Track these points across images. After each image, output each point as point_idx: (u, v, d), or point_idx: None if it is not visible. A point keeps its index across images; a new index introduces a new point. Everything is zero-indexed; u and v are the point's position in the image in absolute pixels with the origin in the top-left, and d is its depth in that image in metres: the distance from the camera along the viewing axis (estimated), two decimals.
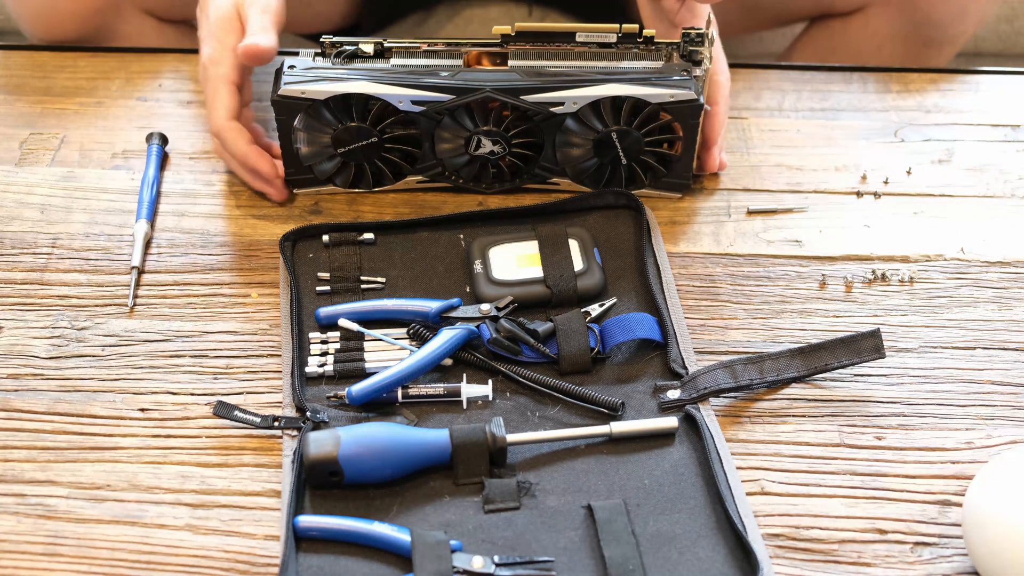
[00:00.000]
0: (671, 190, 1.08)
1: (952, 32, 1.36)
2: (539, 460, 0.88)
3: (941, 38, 1.37)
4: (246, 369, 0.94)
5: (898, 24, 1.36)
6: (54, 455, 0.88)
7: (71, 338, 0.96)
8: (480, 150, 1.05)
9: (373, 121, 1.03)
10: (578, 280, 0.98)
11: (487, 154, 1.05)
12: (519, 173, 1.07)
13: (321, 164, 1.06)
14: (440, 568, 0.79)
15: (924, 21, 1.34)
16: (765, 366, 0.93)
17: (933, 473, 0.88)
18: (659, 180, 1.07)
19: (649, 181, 1.07)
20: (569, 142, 1.05)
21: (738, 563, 0.81)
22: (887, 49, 1.38)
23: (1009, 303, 1.00)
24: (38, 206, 1.08)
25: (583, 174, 1.07)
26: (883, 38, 1.38)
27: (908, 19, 1.35)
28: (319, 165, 1.06)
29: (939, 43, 1.38)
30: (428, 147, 1.05)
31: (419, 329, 0.94)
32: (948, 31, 1.36)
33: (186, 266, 1.03)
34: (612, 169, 1.06)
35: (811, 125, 1.18)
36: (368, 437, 0.85)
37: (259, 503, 0.86)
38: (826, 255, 1.05)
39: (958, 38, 1.38)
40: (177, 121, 1.17)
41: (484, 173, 1.07)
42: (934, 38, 1.36)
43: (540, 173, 1.07)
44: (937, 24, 1.34)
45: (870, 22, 1.38)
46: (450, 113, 1.03)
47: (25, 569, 0.81)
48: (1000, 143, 1.16)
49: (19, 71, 1.23)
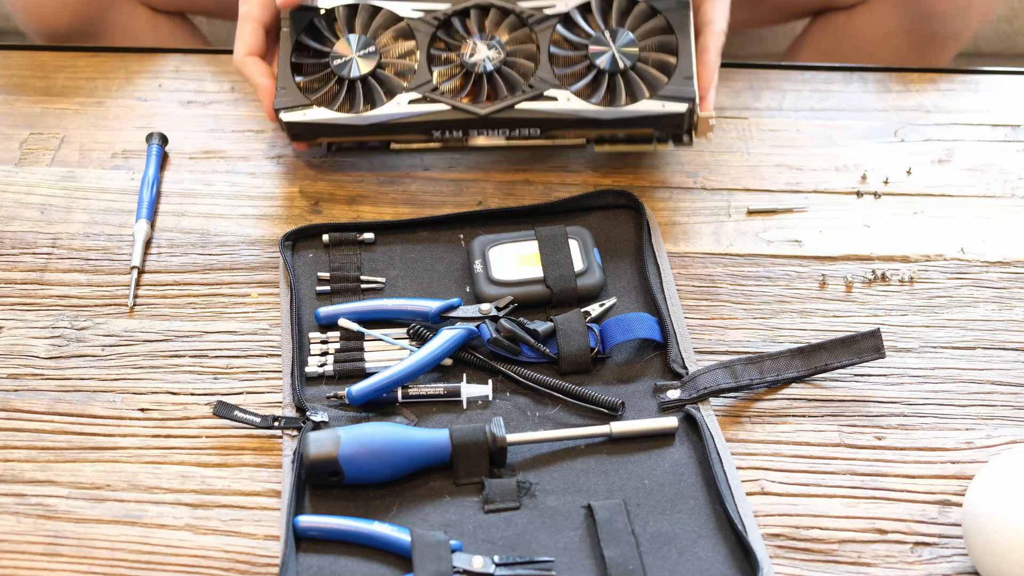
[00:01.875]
0: (676, 101, 1.04)
1: (955, 27, 1.36)
2: (539, 460, 0.88)
3: (945, 33, 1.37)
4: (246, 369, 0.94)
5: (902, 18, 1.35)
6: (54, 455, 0.88)
7: (71, 338, 0.96)
8: (475, 57, 1.06)
9: (374, 32, 1.07)
10: (578, 280, 0.98)
11: (483, 61, 1.05)
12: (515, 87, 1.06)
13: (315, 87, 1.07)
14: (440, 568, 0.79)
15: (928, 15, 1.34)
16: (765, 366, 0.93)
17: (933, 473, 0.88)
18: (659, 91, 1.05)
19: (650, 94, 1.05)
20: (565, 53, 1.07)
21: (738, 563, 0.81)
22: (891, 44, 1.38)
23: (1009, 303, 1.00)
24: (38, 206, 1.08)
25: (579, 85, 1.05)
26: (887, 33, 1.38)
27: (912, 13, 1.34)
28: (312, 88, 1.07)
29: (942, 39, 1.37)
30: (423, 60, 1.07)
31: (419, 329, 0.94)
32: (951, 26, 1.36)
33: (186, 266, 1.03)
34: (610, 79, 1.05)
35: (811, 125, 1.18)
36: (368, 437, 0.85)
37: (259, 503, 0.86)
38: (826, 255, 1.05)
39: (961, 33, 1.38)
40: (177, 121, 1.17)
41: (479, 89, 1.07)
42: (937, 33, 1.36)
43: (536, 86, 1.06)
44: (941, 18, 1.34)
45: (873, 16, 1.38)
46: (448, 19, 1.07)
47: (25, 569, 0.81)
48: (1000, 143, 1.16)
49: (19, 71, 1.23)
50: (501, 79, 1.06)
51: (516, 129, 1.06)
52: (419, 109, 1.05)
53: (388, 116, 1.05)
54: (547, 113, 1.04)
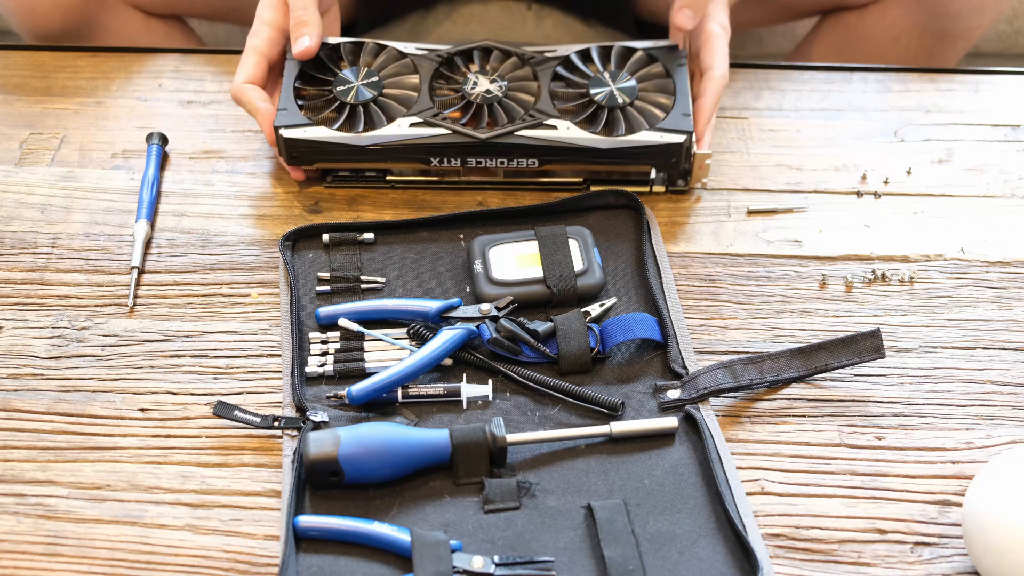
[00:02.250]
0: (674, 133, 1.04)
1: (968, 25, 1.36)
2: (539, 460, 0.88)
3: (957, 31, 1.36)
4: (246, 369, 0.94)
5: (915, 17, 1.35)
6: (54, 455, 0.88)
7: (71, 338, 0.96)
8: (477, 88, 1.06)
9: (378, 67, 1.10)
10: (578, 280, 0.98)
11: (483, 93, 1.06)
12: (515, 117, 1.06)
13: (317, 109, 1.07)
14: (440, 568, 0.79)
15: (942, 13, 1.34)
16: (765, 366, 0.93)
17: (933, 473, 0.88)
18: (657, 124, 1.05)
19: (648, 127, 1.05)
20: (565, 90, 1.08)
21: (738, 563, 0.81)
22: (902, 43, 1.38)
23: (1009, 303, 1.00)
24: (38, 206, 1.08)
25: (579, 118, 1.06)
26: (899, 31, 1.37)
27: (925, 11, 1.34)
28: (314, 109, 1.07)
29: (954, 37, 1.37)
30: (425, 90, 1.07)
31: (419, 329, 0.94)
32: (964, 24, 1.35)
33: (186, 266, 1.03)
34: (609, 114, 1.06)
35: (811, 125, 1.18)
36: (368, 437, 0.85)
37: (259, 503, 0.86)
38: (826, 255, 1.05)
39: (974, 31, 1.38)
40: (177, 121, 1.17)
41: (479, 119, 1.07)
42: (950, 31, 1.36)
43: (536, 115, 1.06)
44: (955, 17, 1.34)
45: (886, 15, 1.37)
46: (451, 57, 1.09)
47: (25, 569, 0.81)
48: (1000, 143, 1.16)
49: (19, 71, 1.23)
50: (501, 109, 1.07)
51: (515, 160, 1.06)
52: (419, 132, 1.05)
53: (388, 138, 1.05)
54: (547, 140, 1.04)
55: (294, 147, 1.05)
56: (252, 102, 1.06)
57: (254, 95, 1.07)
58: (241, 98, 1.07)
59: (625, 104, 1.07)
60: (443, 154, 1.06)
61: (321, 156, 1.06)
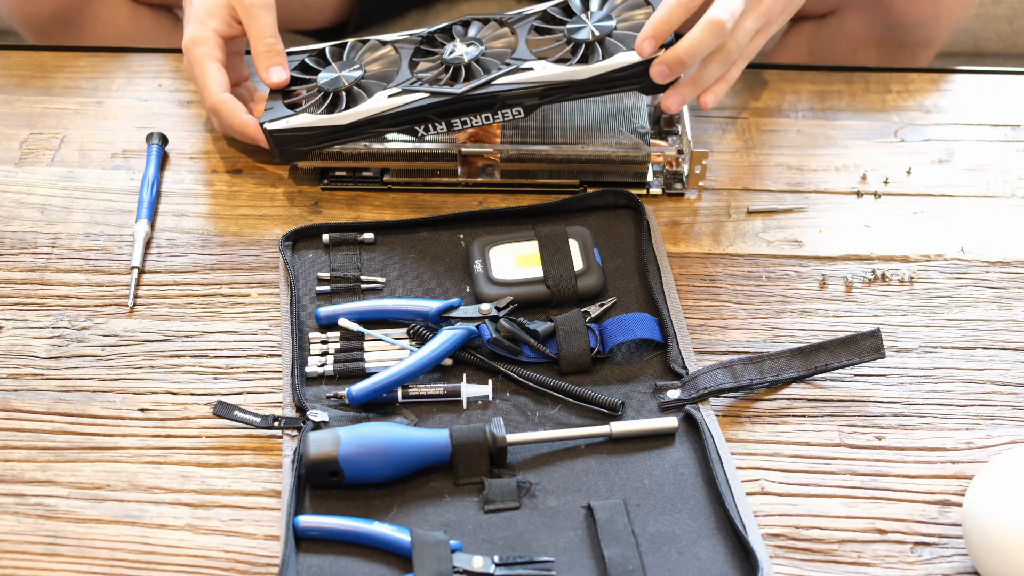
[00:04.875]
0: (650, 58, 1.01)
1: (925, 35, 1.36)
2: (539, 460, 0.88)
3: (914, 41, 1.36)
4: (246, 369, 0.94)
5: (872, 27, 1.35)
6: (54, 455, 0.88)
7: (71, 338, 0.96)
8: (454, 53, 1.07)
9: (361, 57, 1.10)
10: (578, 280, 0.98)
11: (461, 54, 1.06)
12: (491, 69, 1.05)
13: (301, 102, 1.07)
14: (440, 568, 0.79)
15: (897, 24, 1.34)
16: (765, 366, 0.93)
17: (933, 473, 0.88)
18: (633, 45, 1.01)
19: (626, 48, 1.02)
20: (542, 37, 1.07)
21: (738, 563, 0.81)
22: (861, 53, 1.38)
23: (1009, 303, 1.00)
24: (38, 206, 1.08)
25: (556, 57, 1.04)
26: (857, 41, 1.37)
27: (881, 22, 1.34)
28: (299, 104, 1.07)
29: (912, 47, 1.37)
30: (405, 66, 1.08)
31: (419, 329, 0.94)
32: (921, 34, 1.35)
33: (186, 266, 1.03)
34: (587, 48, 1.04)
35: (811, 125, 1.18)
36: (368, 437, 0.85)
37: (259, 503, 0.86)
38: (826, 255, 1.05)
39: (932, 42, 1.38)
40: (177, 121, 1.17)
41: (457, 78, 1.06)
42: (907, 42, 1.36)
43: (512, 62, 1.05)
44: (910, 27, 1.34)
45: (844, 26, 1.37)
46: (431, 36, 1.10)
47: (25, 569, 0.81)
48: (1000, 143, 1.16)
49: (19, 71, 1.23)
50: (480, 67, 1.06)
51: (499, 111, 1.04)
52: (398, 101, 1.04)
53: (367, 111, 1.04)
54: (524, 83, 1.03)
55: (282, 140, 1.06)
56: (235, 114, 1.07)
57: (234, 107, 1.07)
58: (221, 110, 1.08)
59: (603, 36, 1.04)
60: (424, 120, 1.04)
61: (306, 143, 1.06)
